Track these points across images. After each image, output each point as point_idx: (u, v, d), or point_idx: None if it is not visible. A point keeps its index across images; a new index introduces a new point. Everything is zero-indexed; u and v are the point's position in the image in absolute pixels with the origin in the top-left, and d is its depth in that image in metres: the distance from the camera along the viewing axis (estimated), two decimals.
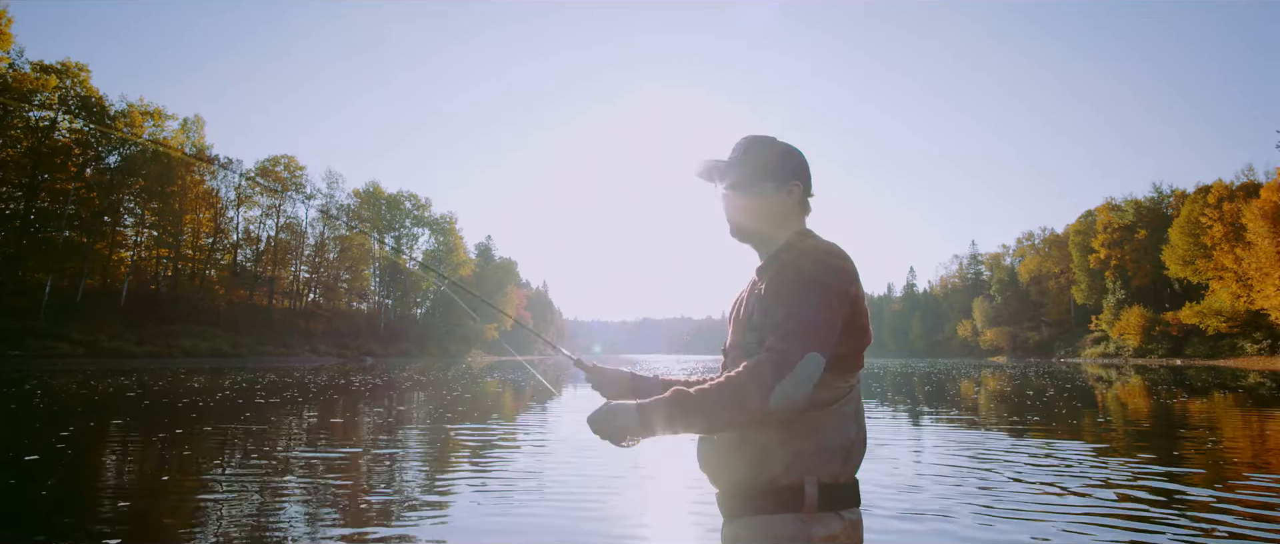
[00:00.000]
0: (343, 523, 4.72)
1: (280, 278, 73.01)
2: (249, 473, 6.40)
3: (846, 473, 1.45)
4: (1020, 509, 5.17)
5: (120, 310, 53.16)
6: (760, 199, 1.58)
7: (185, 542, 4.28)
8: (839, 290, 1.40)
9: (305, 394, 16.54)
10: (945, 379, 27.31)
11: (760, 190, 1.58)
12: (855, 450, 1.47)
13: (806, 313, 1.37)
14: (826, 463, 1.41)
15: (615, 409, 1.43)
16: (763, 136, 1.63)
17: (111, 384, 19.14)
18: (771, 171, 1.58)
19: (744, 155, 1.60)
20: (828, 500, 1.40)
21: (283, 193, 66.86)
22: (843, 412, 1.46)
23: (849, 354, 1.45)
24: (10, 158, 50.69)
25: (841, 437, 1.44)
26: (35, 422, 10.22)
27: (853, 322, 1.44)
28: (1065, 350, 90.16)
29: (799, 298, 1.39)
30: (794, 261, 1.45)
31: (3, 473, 6.27)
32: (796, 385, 1.32)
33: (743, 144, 1.62)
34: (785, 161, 1.60)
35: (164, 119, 60.09)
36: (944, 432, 10.20)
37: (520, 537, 4.46)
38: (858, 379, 1.52)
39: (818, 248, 1.47)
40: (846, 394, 1.47)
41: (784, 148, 1.62)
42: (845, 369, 1.46)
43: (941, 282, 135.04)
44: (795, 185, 1.59)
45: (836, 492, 1.42)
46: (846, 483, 1.44)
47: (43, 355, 39.79)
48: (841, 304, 1.40)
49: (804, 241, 1.50)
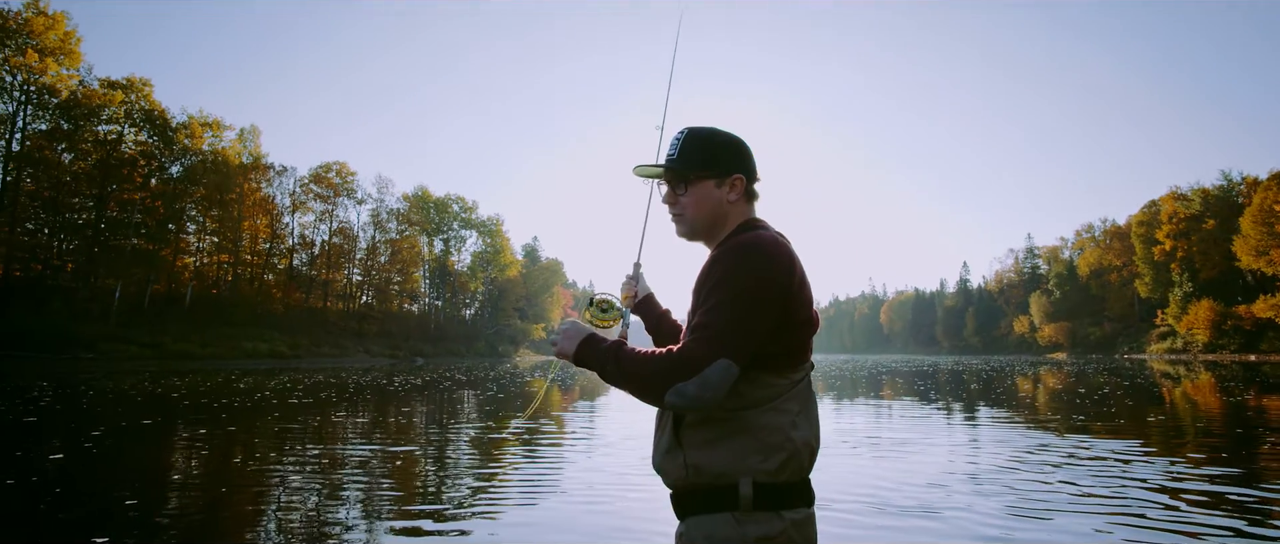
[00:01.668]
0: (350, 523, 4.79)
1: (334, 281, 75.06)
2: (261, 472, 6.56)
3: (789, 472, 1.40)
4: (1050, 510, 4.95)
5: (185, 314, 55.43)
6: (701, 197, 1.54)
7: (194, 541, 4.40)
8: (761, 294, 1.35)
9: (342, 394, 16.94)
10: (998, 377, 26.52)
11: (701, 189, 1.54)
12: (800, 448, 1.42)
13: (721, 317, 1.33)
14: (763, 462, 1.38)
15: (571, 332, 1.50)
16: (701, 128, 1.57)
17: (163, 385, 19.93)
18: (711, 166, 1.53)
19: (681, 151, 1.55)
20: (765, 500, 1.37)
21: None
22: (783, 408, 1.42)
23: (785, 351, 1.42)
24: (82, 170, 53.27)
25: (780, 435, 1.40)
26: (73, 421, 10.66)
27: (787, 319, 1.40)
28: (1129, 347, 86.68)
29: (717, 300, 1.35)
30: (721, 258, 1.41)
31: (25, 471, 6.55)
32: (701, 387, 1.29)
33: (680, 138, 1.56)
34: (725, 153, 1.54)
35: (222, 129, 62.36)
36: (985, 430, 9.88)
37: (555, 534, 4.46)
38: (805, 373, 1.48)
39: (745, 245, 1.41)
40: (788, 391, 1.43)
41: (724, 138, 1.56)
42: (783, 366, 1.42)
43: (996, 276, 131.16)
44: (737, 178, 1.54)
45: (776, 491, 1.39)
46: (788, 482, 1.41)
47: (113, 358, 41.70)
48: (763, 307, 1.35)
49: (738, 237, 1.46)
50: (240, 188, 63.01)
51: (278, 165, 69.08)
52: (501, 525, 4.72)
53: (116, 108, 53.83)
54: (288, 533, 4.53)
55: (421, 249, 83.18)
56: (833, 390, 19.10)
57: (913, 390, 18.71)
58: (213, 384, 20.29)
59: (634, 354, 1.39)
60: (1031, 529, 4.55)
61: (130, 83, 55.31)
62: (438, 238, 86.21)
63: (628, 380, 1.37)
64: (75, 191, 53.24)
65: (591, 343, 1.45)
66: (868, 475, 6.40)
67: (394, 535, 4.47)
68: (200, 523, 4.83)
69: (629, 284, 1.93)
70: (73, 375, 25.08)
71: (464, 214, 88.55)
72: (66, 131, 51.56)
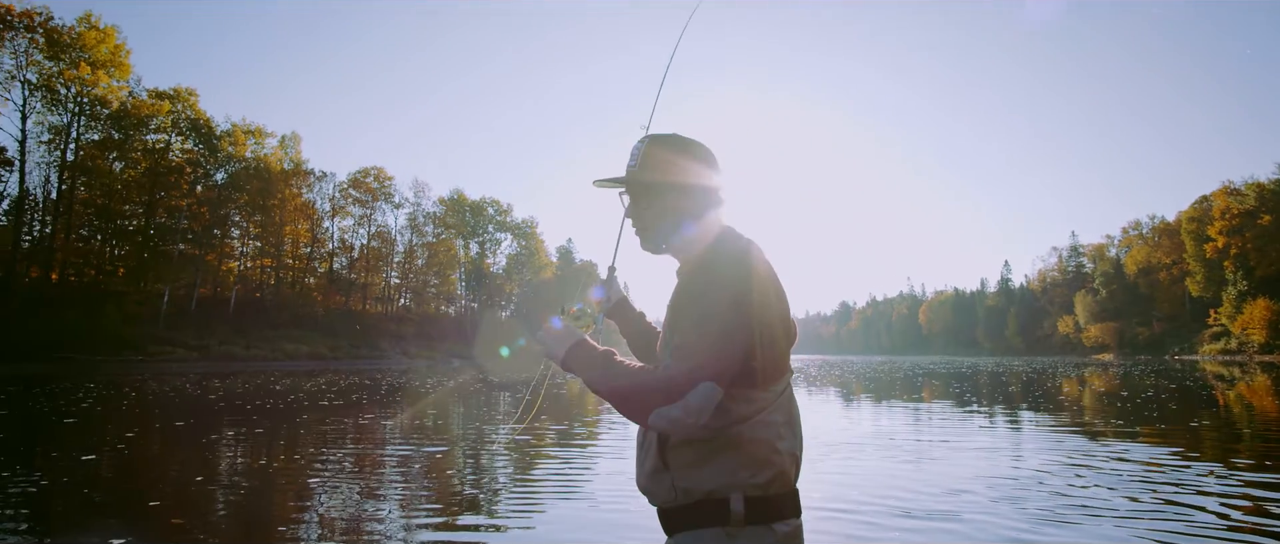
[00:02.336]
0: (379, 522, 4.84)
1: (372, 284, 76.44)
2: (280, 472, 6.68)
3: (778, 484, 1.39)
4: (1078, 517, 4.79)
5: (229, 317, 57.01)
6: (664, 209, 1.49)
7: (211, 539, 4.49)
8: (741, 311, 1.33)
9: (373, 396, 17.19)
10: (1039, 378, 25.88)
11: (662, 204, 1.49)
12: (787, 460, 1.40)
13: (702, 338, 1.30)
14: (753, 476, 1.36)
15: (562, 335, 1.45)
16: (662, 137, 1.52)
17: (203, 387, 20.47)
18: (671, 176, 1.48)
19: (642, 163, 1.50)
20: (756, 514, 1.36)
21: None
22: (768, 421, 1.39)
23: (767, 364, 1.38)
24: (132, 178, 55.21)
25: (767, 448, 1.38)
26: (110, 423, 11.01)
27: (767, 333, 1.37)
28: (1180, 347, 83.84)
29: (696, 322, 1.32)
30: (696, 275, 1.39)
31: (56, 471, 6.76)
32: (684, 412, 1.27)
33: (640, 149, 1.51)
34: (686, 165, 1.49)
35: (264, 136, 64.02)
36: (1021, 434, 9.63)
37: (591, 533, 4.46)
38: (785, 383, 1.45)
39: (720, 260, 1.38)
40: (771, 403, 1.40)
41: (685, 146, 1.51)
42: (766, 380, 1.39)
43: (1039, 275, 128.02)
44: (700, 191, 1.49)
45: (766, 504, 1.37)
46: (779, 494, 1.39)
47: (161, 359, 43.04)
48: (744, 325, 1.33)
49: (712, 253, 1.42)
50: (282, 193, 64.59)
51: (317, 171, 70.77)
52: (541, 521, 4.75)
53: (164, 117, 55.65)
54: (307, 532, 4.60)
55: (457, 252, 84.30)
56: (869, 392, 18.83)
57: (949, 393, 18.34)
58: (251, 386, 20.78)
59: (622, 368, 1.35)
60: (1054, 536, 4.42)
61: (177, 93, 57.14)
62: (473, 241, 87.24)
63: (612, 395, 1.35)
64: (126, 199, 55.26)
65: (582, 348, 1.41)
66: (895, 479, 6.29)
67: (430, 531, 4.51)
68: (217, 524, 4.93)
69: (603, 287, 1.90)
70: (121, 377, 25.94)
71: (499, 217, 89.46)
72: (117, 141, 53.52)
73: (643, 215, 1.51)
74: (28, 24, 47.42)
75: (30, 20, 47.59)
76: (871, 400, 15.86)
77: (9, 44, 47.08)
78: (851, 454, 7.77)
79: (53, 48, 48.37)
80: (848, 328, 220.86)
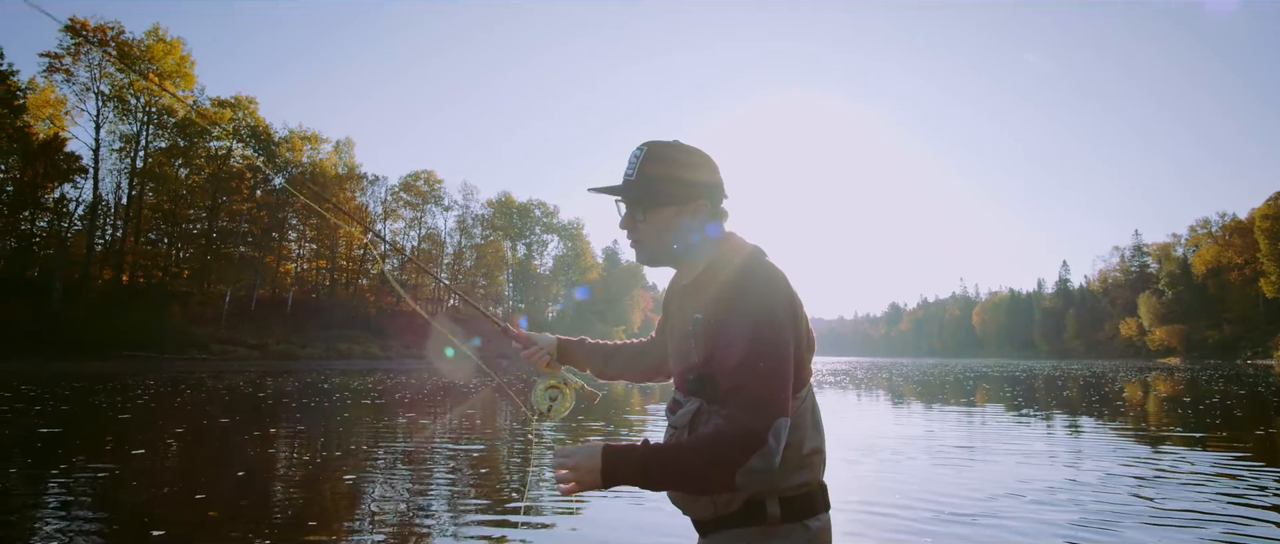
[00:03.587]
0: (422, 517, 4.95)
1: (422, 285, 78.01)
2: (311, 469, 6.87)
3: (809, 480, 1.39)
4: (1121, 525, 4.62)
5: (287, 317, 58.90)
6: (662, 222, 1.44)
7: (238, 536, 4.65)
8: (784, 334, 1.30)
9: (418, 395, 17.52)
10: (1097, 383, 24.97)
11: (660, 215, 1.43)
12: (816, 457, 1.41)
13: (768, 377, 1.26)
14: (787, 480, 1.36)
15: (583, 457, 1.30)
16: (660, 146, 1.44)
17: (255, 384, 21.18)
18: (671, 190, 1.42)
19: (640, 171, 1.43)
20: (792, 513, 1.36)
21: None
22: (798, 426, 1.39)
23: (798, 371, 1.37)
24: (196, 184, 57.55)
25: (799, 452, 1.38)
26: (161, 419, 11.45)
27: (799, 344, 1.36)
28: (1253, 350, 79.89)
29: (755, 357, 1.27)
30: (730, 303, 1.33)
31: (102, 465, 7.07)
32: (767, 459, 1.23)
33: (637, 158, 1.44)
34: (685, 174, 1.43)
35: (320, 142, 65.96)
36: (1073, 439, 9.32)
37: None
38: (809, 386, 1.44)
39: (749, 284, 1.34)
40: (800, 407, 1.40)
41: (685, 158, 1.44)
42: (796, 387, 1.37)
43: (1100, 276, 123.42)
44: (701, 203, 1.44)
45: (800, 503, 1.37)
46: (811, 491, 1.39)
47: (222, 358, 44.71)
48: (789, 347, 1.30)
49: (743, 280, 1.35)
50: (336, 197, 66.38)
51: (370, 175, 72.55)
52: (583, 522, 4.82)
53: (226, 125, 57.82)
54: (349, 526, 4.73)
55: (505, 253, 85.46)
56: (919, 396, 18.45)
57: (1000, 396, 17.84)
58: (300, 384, 21.42)
59: (674, 450, 1.28)
60: (1092, 539, 4.28)
61: (237, 101, 59.35)
62: (520, 242, 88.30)
63: (681, 479, 1.27)
64: (190, 204, 57.64)
65: (616, 456, 1.29)
66: (938, 482, 6.17)
67: (474, 527, 4.61)
68: (244, 516, 5.10)
69: (535, 354, 1.78)
70: (183, 374, 27.03)
71: (545, 218, 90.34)
72: (182, 148, 55.82)
73: (639, 226, 1.46)
74: (101, 38, 49.83)
75: (103, 35, 50.03)
76: (921, 403, 15.53)
77: (84, 58, 49.58)
78: (891, 457, 7.63)
79: (124, 60, 50.73)
80: (897, 330, 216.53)
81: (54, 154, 48.77)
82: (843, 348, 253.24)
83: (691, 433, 1.38)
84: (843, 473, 6.66)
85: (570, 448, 1.32)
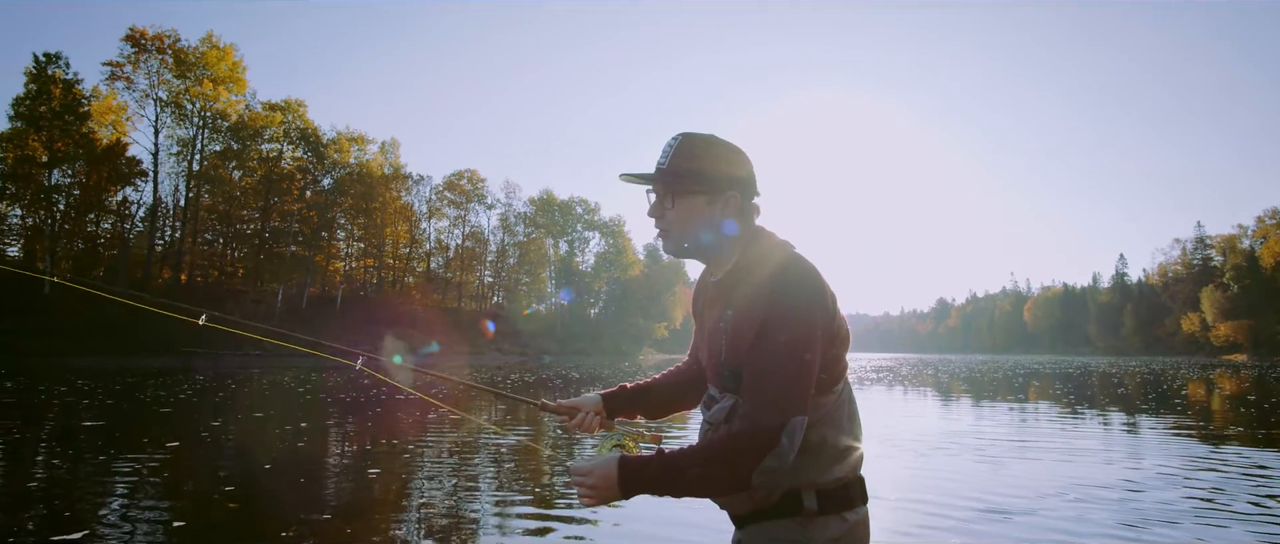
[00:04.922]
0: (387, 521, 5.02)
1: (466, 283, 79.19)
2: (339, 464, 7.01)
3: (846, 474, 1.39)
4: (1167, 524, 4.44)
5: (337, 314, 60.38)
6: (690, 213, 1.43)
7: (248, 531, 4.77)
8: (812, 332, 1.29)
9: (456, 389, 17.72)
10: (1156, 380, 24.09)
11: (690, 205, 1.42)
12: (853, 450, 1.41)
13: (780, 373, 1.26)
14: (824, 474, 1.37)
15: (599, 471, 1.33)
16: (695, 137, 1.44)
17: (301, 380, 21.72)
18: (703, 181, 1.41)
19: (672, 160, 1.43)
20: (829, 505, 1.37)
21: None
22: (835, 419, 1.39)
23: (832, 367, 1.37)
24: (249, 186, 59.44)
25: (835, 446, 1.38)
26: (199, 414, 11.75)
27: (831, 339, 1.35)
28: None
29: (777, 355, 1.27)
30: (765, 300, 1.31)
31: (134, 458, 7.32)
32: (782, 458, 1.25)
33: (671, 149, 1.44)
34: (718, 167, 1.42)
35: (366, 143, 67.40)
36: (1128, 437, 9.01)
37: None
38: (845, 380, 1.43)
39: (783, 280, 1.32)
40: (836, 402, 1.40)
41: (718, 151, 1.43)
42: (831, 384, 1.38)
43: (1160, 269, 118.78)
44: (732, 196, 1.42)
45: (837, 495, 1.38)
46: (847, 484, 1.39)
47: (277, 354, 46.04)
48: (816, 344, 1.29)
49: (781, 279, 1.32)
50: (382, 197, 67.82)
51: (415, 175, 73.89)
52: (625, 517, 4.85)
53: (277, 128, 59.56)
54: (387, 522, 4.82)
55: (547, 250, 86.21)
56: (966, 392, 18.05)
57: (1051, 393, 17.34)
58: (342, 380, 21.89)
59: (689, 455, 1.29)
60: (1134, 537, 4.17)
61: (288, 104, 60.96)
62: (562, 239, 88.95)
63: (699, 485, 1.29)
64: (244, 205, 59.57)
65: (631, 468, 1.31)
66: (985, 480, 6.04)
67: (517, 520, 4.66)
68: (262, 509, 5.23)
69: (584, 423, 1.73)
70: (235, 371, 27.92)
71: (587, 216, 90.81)
72: (236, 151, 57.67)
73: (667, 214, 1.45)
74: (159, 46, 51.75)
75: (160, 43, 51.91)
76: (969, 400, 15.19)
77: (143, 65, 51.57)
78: (939, 454, 7.48)
79: (180, 67, 52.60)
80: (946, 325, 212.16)
81: (116, 159, 50.88)
82: (889, 344, 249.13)
83: (727, 427, 1.38)
84: (883, 466, 6.58)
85: (587, 462, 1.34)
